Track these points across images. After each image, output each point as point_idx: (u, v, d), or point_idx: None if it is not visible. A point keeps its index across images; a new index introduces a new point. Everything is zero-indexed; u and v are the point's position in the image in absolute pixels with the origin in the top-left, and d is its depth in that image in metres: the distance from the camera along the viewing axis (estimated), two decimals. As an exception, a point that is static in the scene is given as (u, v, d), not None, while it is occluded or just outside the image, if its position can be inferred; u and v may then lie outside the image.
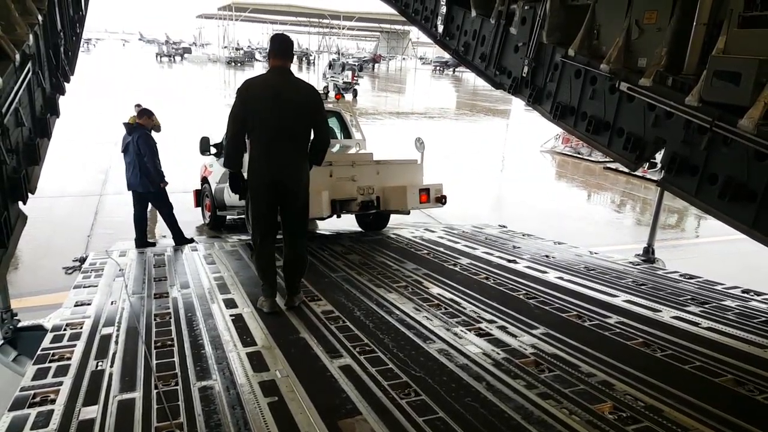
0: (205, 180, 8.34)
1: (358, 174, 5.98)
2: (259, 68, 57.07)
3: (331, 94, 7.80)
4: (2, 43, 2.66)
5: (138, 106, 10.76)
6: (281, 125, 3.59)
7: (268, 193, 3.68)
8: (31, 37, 3.09)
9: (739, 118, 3.31)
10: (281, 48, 3.70)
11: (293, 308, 3.78)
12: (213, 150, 7.61)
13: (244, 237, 6.57)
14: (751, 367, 2.96)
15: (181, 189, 8.37)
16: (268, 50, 3.82)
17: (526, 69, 5.25)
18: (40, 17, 3.38)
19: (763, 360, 3.07)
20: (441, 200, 6.28)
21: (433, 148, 6.85)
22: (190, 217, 8.54)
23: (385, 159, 6.41)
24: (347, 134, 7.53)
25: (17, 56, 2.78)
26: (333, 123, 7.49)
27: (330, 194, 5.70)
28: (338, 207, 5.79)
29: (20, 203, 2.90)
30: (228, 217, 8.16)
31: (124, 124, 6.96)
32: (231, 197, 7.29)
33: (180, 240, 6.41)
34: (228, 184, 3.89)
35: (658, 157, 4.43)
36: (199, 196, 8.56)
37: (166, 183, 6.67)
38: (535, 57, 5.14)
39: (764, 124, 3.22)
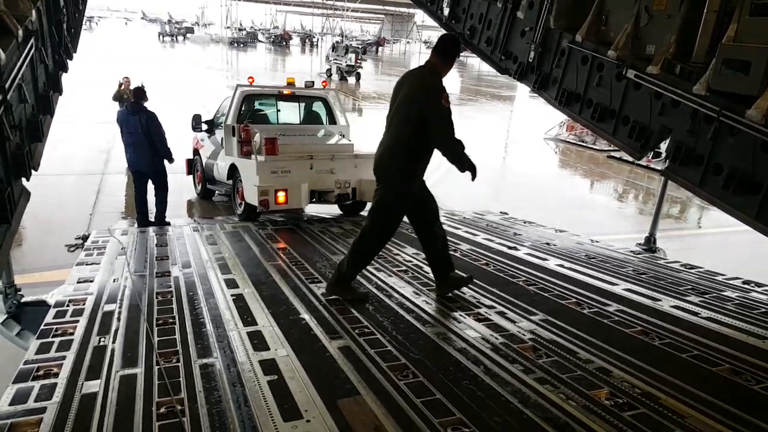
0: (196, 152, 8.72)
1: (337, 167, 6.35)
2: (262, 50, 56.64)
3: (318, 83, 8.14)
4: (5, 19, 2.63)
5: (126, 78, 10.76)
6: (389, 115, 3.59)
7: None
8: (34, 13, 3.07)
9: (747, 108, 3.29)
10: (437, 44, 3.68)
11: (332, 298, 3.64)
12: (204, 126, 7.97)
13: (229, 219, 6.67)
14: (749, 357, 2.97)
15: (179, 170, 8.44)
16: None
17: (532, 54, 5.19)
18: (43, -8, 3.35)
19: (761, 350, 3.08)
20: None
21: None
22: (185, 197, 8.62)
23: (363, 153, 6.72)
24: (332, 120, 7.82)
25: (20, 32, 2.75)
26: (319, 109, 7.87)
27: (309, 185, 6.12)
28: (317, 197, 6.24)
29: (23, 180, 2.90)
30: (216, 192, 8.37)
31: (127, 104, 6.99)
32: (219, 173, 7.49)
33: (160, 222, 6.59)
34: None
35: (663, 146, 4.41)
36: (191, 165, 8.97)
37: (173, 160, 6.81)
38: (541, 42, 5.09)
39: (772, 115, 3.19)
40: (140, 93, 6.73)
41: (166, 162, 6.79)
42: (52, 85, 3.76)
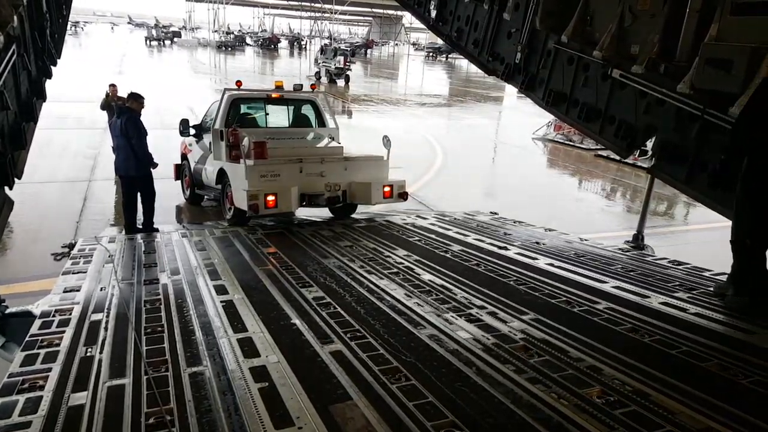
0: (184, 156, 8.64)
1: (327, 170, 6.34)
2: (250, 53, 56.40)
3: (306, 86, 8.16)
4: (-16, 24, 2.60)
5: (112, 86, 10.66)
6: None
7: None
8: (15, 18, 3.03)
9: (730, 105, 3.33)
10: None
11: None
12: (192, 131, 7.92)
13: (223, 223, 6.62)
14: (736, 352, 3.00)
15: (168, 175, 8.40)
16: None
17: (519, 55, 5.23)
18: (24, -2, 3.31)
19: (748, 345, 3.12)
20: (403, 196, 6.64)
21: (423, 135, 6.89)
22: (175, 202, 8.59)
23: (353, 155, 6.74)
24: (322, 123, 7.82)
25: (1, 38, 2.72)
26: (308, 112, 7.84)
27: (299, 189, 6.08)
28: (307, 200, 6.22)
29: (6, 188, 2.87)
30: (205, 197, 8.33)
31: (116, 106, 6.92)
32: (208, 178, 7.45)
33: (148, 228, 6.47)
34: None
35: (649, 144, 4.45)
36: (179, 171, 8.90)
37: (156, 165, 6.69)
38: (528, 43, 5.13)
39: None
40: (132, 97, 6.64)
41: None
42: (35, 91, 3.72)
